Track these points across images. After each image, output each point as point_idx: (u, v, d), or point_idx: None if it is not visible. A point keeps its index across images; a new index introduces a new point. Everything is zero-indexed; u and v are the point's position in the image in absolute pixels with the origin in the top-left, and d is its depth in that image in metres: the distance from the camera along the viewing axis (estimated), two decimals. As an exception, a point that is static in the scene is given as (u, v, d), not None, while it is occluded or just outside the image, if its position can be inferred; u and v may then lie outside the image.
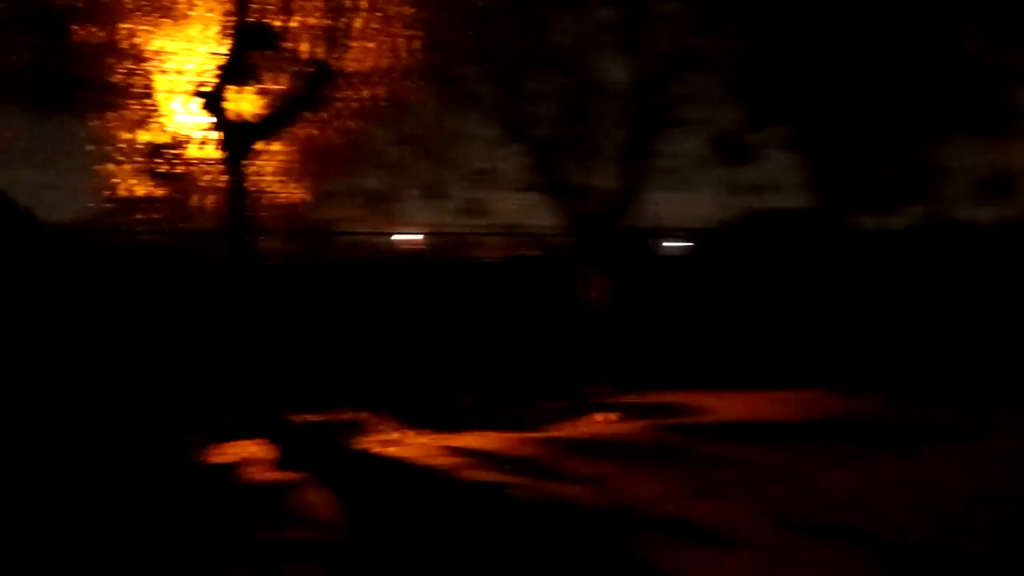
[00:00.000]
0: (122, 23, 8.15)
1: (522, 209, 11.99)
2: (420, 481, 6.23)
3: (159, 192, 9.03)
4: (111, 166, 8.86)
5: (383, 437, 7.98)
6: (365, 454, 7.25)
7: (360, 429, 8.31)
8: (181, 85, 8.56)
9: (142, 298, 9.59)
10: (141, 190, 8.98)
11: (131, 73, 8.44)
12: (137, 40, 8.26)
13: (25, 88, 8.70)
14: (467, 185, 11.43)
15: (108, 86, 8.50)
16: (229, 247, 8.71)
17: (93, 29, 8.11)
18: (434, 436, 7.91)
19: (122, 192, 8.97)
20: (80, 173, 9.21)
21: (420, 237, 12.27)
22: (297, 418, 8.59)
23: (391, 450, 7.35)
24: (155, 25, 8.24)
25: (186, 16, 8.25)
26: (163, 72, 8.49)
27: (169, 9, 8.19)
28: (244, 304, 8.77)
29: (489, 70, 10.55)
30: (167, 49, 8.40)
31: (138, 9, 8.13)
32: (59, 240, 9.46)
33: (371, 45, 8.63)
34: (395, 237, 12.09)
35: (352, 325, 10.25)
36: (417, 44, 8.76)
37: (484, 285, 11.20)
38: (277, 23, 8.28)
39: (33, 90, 8.71)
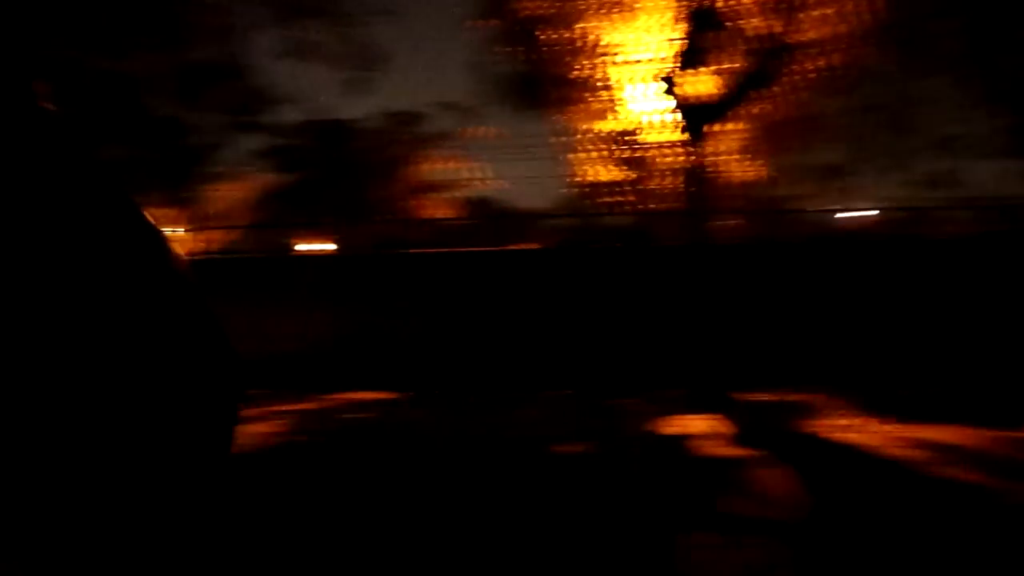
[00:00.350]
0: (579, 24, 8.85)
1: (997, 178, 10.68)
2: (882, 471, 5.93)
3: (619, 176, 9.67)
4: (576, 155, 9.70)
5: (840, 421, 7.76)
6: (822, 437, 7.09)
7: (814, 411, 8.17)
8: (635, 74, 9.05)
9: (591, 276, 10.37)
10: (603, 175, 9.70)
11: (588, 68, 9.13)
12: (592, 37, 8.91)
13: (506, 90, 9.90)
14: (931, 155, 10.48)
15: (570, 82, 9.29)
16: (687, 227, 9.05)
17: (556, 32, 8.94)
18: (896, 425, 7.50)
19: (587, 178, 9.77)
20: (550, 163, 10.25)
21: (874, 213, 11.53)
22: (747, 396, 8.68)
23: (849, 435, 7.11)
24: (609, 21, 8.80)
25: (637, 8, 8.68)
26: (616, 64, 9.04)
27: (621, 4, 8.69)
28: (697, 282, 9.06)
29: (959, 24, 9.49)
30: (619, 42, 8.92)
31: (589, 9, 8.75)
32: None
33: (825, 12, 8.29)
34: (846, 214, 11.50)
35: (803, 305, 10.00)
36: (875, 3, 8.22)
37: (948, 264, 10.17)
38: (728, 1, 8.35)
39: (512, 91, 9.89)
